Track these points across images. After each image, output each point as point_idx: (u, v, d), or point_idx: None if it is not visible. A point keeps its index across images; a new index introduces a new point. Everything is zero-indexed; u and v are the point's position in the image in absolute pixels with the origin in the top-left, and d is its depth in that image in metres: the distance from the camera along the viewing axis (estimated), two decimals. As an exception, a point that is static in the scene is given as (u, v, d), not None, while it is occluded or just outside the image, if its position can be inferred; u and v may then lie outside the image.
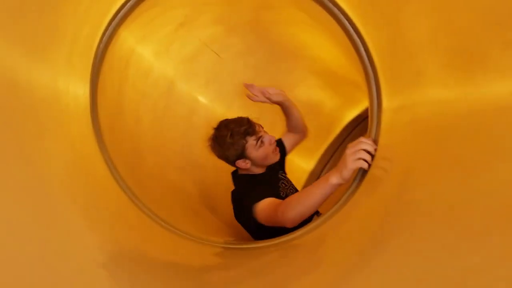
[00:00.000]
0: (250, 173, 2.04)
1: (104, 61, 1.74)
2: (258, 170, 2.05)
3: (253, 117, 2.05)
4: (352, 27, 1.75)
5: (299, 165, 2.98)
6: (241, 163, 1.99)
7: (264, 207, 1.70)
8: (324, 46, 2.25)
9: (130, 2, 1.72)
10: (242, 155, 1.97)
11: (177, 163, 2.37)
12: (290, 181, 2.17)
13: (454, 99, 1.21)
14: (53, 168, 1.11)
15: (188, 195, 2.29)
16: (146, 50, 2.16)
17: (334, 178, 1.40)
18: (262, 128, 2.05)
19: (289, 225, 1.54)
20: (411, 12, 1.36)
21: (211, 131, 2.03)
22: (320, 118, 2.88)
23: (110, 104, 1.90)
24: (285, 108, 2.19)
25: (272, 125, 2.41)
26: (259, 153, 1.96)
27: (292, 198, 1.60)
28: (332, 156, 2.94)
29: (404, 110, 1.53)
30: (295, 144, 2.33)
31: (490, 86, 1.08)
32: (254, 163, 2.00)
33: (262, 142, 1.96)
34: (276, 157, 2.05)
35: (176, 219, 1.70)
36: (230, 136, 1.94)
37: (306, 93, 2.76)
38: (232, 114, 2.55)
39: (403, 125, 1.53)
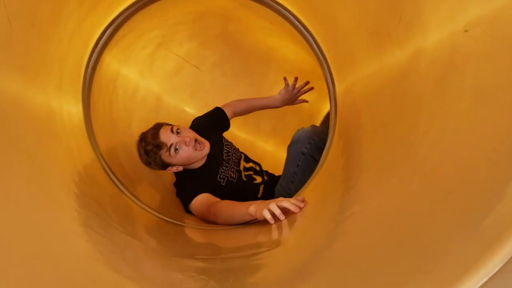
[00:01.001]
0: (189, 168, 2.11)
1: (93, 83, 2.01)
2: (196, 165, 2.11)
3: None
4: (302, 26, 1.99)
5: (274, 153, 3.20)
6: (172, 169, 2.08)
7: (197, 205, 1.88)
8: (288, 47, 2.51)
9: (109, 29, 1.99)
10: (167, 165, 2.05)
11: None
12: (231, 145, 2.33)
13: (375, 71, 1.46)
14: (53, 171, 1.36)
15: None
16: (130, 71, 2.43)
17: (252, 209, 1.56)
18: (175, 130, 2.03)
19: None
20: (339, 6, 1.61)
21: None
22: (300, 114, 3.11)
23: (103, 121, 2.16)
24: (273, 105, 2.50)
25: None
26: (179, 158, 2.00)
27: (222, 207, 1.77)
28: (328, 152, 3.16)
29: (348, 88, 1.77)
30: (238, 113, 2.49)
31: (395, 56, 1.32)
32: (183, 165, 2.07)
33: (175, 149, 1.98)
34: (204, 151, 2.06)
35: (168, 212, 1.95)
36: (145, 155, 2.03)
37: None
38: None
39: (349, 100, 1.77)
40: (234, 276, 1.14)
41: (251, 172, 2.26)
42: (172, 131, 2.02)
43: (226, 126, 2.42)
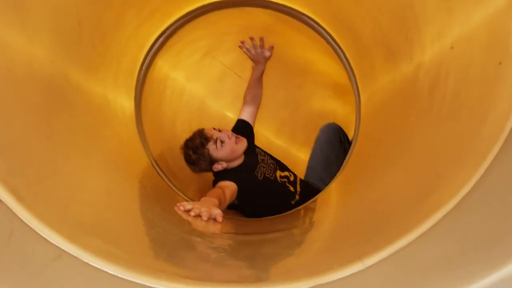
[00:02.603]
0: (228, 168, 2.29)
1: (145, 83, 2.30)
2: (236, 163, 2.30)
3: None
4: (333, 40, 2.18)
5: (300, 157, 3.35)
6: (217, 167, 2.26)
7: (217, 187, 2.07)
8: (324, 61, 2.69)
9: (162, 37, 2.27)
10: (213, 160, 2.25)
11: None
12: (266, 153, 2.49)
13: (389, 82, 1.63)
14: (104, 150, 1.63)
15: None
16: (179, 75, 2.71)
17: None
18: (216, 129, 2.29)
19: None
20: (360, 23, 1.80)
21: None
22: (336, 125, 3.29)
23: (152, 117, 2.44)
24: (257, 72, 2.57)
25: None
26: (224, 151, 2.22)
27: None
28: (350, 156, 3.30)
29: (369, 98, 1.95)
30: (255, 115, 2.64)
31: (403, 69, 1.50)
32: (227, 161, 2.26)
33: (221, 141, 2.20)
34: (243, 145, 2.28)
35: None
36: (193, 153, 2.24)
37: (319, 104, 3.20)
38: (256, 127, 2.99)
39: (370, 109, 1.95)
40: (247, 247, 1.34)
41: (285, 180, 2.41)
42: (214, 128, 2.30)
43: (253, 137, 2.60)
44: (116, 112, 1.90)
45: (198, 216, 1.45)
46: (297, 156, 3.31)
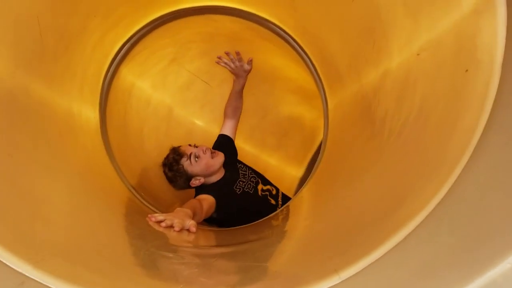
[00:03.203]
0: (207, 183, 2.30)
1: (110, 92, 2.24)
2: (215, 178, 2.31)
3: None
4: (299, 47, 2.19)
5: (290, 173, 3.37)
6: (194, 182, 2.27)
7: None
8: (290, 66, 2.70)
9: (126, 45, 2.23)
10: (189, 176, 2.25)
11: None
12: (248, 168, 2.50)
13: (356, 89, 1.65)
14: (69, 161, 1.57)
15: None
16: (144, 83, 2.66)
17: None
18: (192, 145, 2.31)
19: None
20: (327, 31, 1.81)
21: None
22: (303, 130, 3.30)
23: (118, 127, 2.38)
24: (238, 86, 2.55)
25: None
26: (199, 166, 2.22)
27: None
28: (320, 161, 3.34)
29: (337, 104, 1.96)
30: (236, 128, 2.64)
31: (370, 76, 1.51)
32: (204, 176, 2.26)
33: (195, 156, 2.22)
34: (219, 159, 2.28)
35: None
36: (169, 170, 2.27)
37: (287, 109, 3.21)
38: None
39: (338, 116, 1.96)
40: (219, 260, 1.32)
41: (266, 193, 2.43)
42: (190, 145, 2.31)
43: (235, 152, 2.62)
44: (81, 123, 1.85)
45: (171, 227, 1.43)
46: (268, 162, 3.32)
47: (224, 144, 2.57)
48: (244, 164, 2.56)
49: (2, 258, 0.74)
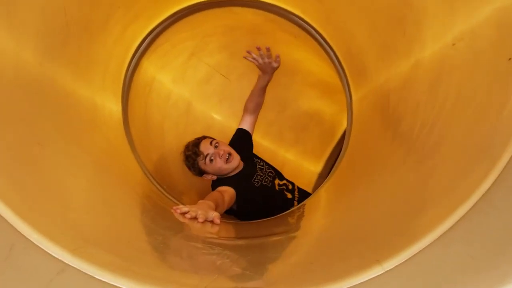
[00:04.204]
0: (225, 176, 2.34)
1: (132, 86, 2.24)
2: (233, 172, 2.33)
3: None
4: (323, 39, 2.16)
5: (308, 168, 3.36)
6: (207, 177, 2.34)
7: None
8: (311, 60, 2.68)
9: (148, 38, 2.22)
10: (202, 172, 2.33)
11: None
12: (265, 163, 2.51)
13: (384, 81, 1.62)
14: (94, 156, 1.57)
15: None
16: (165, 77, 2.65)
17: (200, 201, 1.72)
18: (213, 143, 2.32)
19: None
20: (354, 22, 1.78)
21: None
22: (323, 125, 3.27)
23: (139, 121, 2.38)
24: (263, 82, 2.49)
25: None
26: (212, 168, 2.28)
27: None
28: (337, 157, 3.31)
29: (361, 98, 1.93)
30: (254, 124, 2.62)
31: (400, 67, 1.48)
32: (216, 175, 2.32)
33: (210, 159, 2.26)
34: (233, 164, 2.30)
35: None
36: (185, 160, 2.35)
37: (306, 104, 3.19)
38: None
39: (363, 109, 1.93)
40: (250, 251, 1.30)
41: (283, 187, 2.44)
42: (211, 143, 2.32)
43: (251, 145, 2.61)
44: (105, 115, 1.84)
45: (194, 218, 1.43)
46: (285, 157, 3.30)
47: (242, 138, 2.57)
48: (261, 159, 2.57)
49: (42, 245, 0.73)
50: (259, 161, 2.52)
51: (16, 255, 0.70)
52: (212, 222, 1.48)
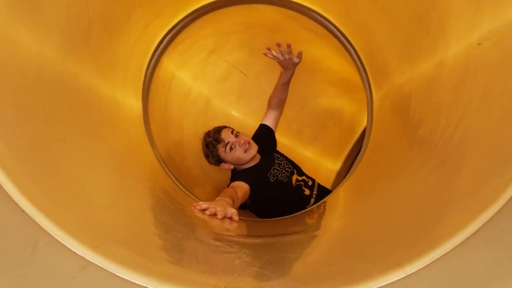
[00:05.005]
0: (241, 168, 2.36)
1: (152, 83, 2.25)
2: (250, 164, 2.35)
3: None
4: (343, 37, 2.14)
5: (327, 166, 3.34)
6: (224, 166, 2.35)
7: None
8: (331, 58, 2.66)
9: (169, 35, 2.23)
10: (220, 160, 2.34)
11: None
12: (284, 157, 2.50)
13: (406, 80, 1.59)
14: (115, 153, 1.58)
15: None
16: (184, 74, 2.66)
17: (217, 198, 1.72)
18: (234, 132, 2.33)
19: None
20: (375, 20, 1.76)
21: None
22: (342, 123, 3.25)
23: (159, 117, 2.40)
24: (286, 78, 2.46)
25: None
26: (231, 156, 2.29)
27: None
28: (357, 155, 3.28)
29: (383, 97, 1.91)
30: (278, 120, 2.59)
31: (422, 66, 1.46)
32: (234, 164, 2.33)
33: (231, 148, 2.28)
34: (251, 153, 2.30)
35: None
36: (205, 147, 2.36)
37: (326, 102, 3.17)
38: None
39: (384, 108, 1.91)
40: (268, 250, 1.30)
41: (301, 183, 2.42)
42: (232, 132, 2.34)
43: (275, 142, 2.60)
44: (126, 112, 1.86)
45: (214, 215, 1.45)
46: (304, 155, 3.29)
47: (265, 134, 2.56)
48: (282, 154, 2.56)
49: (65, 242, 0.74)
50: (278, 155, 2.52)
51: (40, 251, 0.72)
52: (230, 218, 1.50)
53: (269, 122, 2.58)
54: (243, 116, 3.08)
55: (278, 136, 3.09)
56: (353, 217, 1.44)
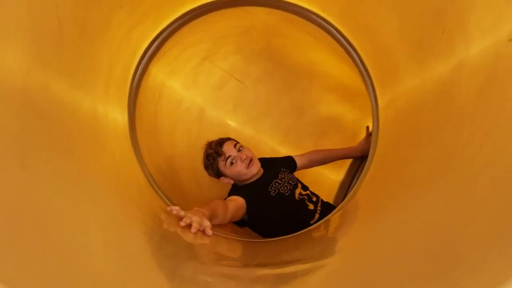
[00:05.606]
0: (241, 184, 2.27)
1: (139, 93, 2.09)
2: (251, 179, 2.26)
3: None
4: (345, 40, 1.98)
5: (329, 176, 3.16)
6: (224, 180, 2.27)
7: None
8: (331, 62, 2.50)
9: (156, 42, 2.07)
10: (220, 173, 2.25)
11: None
12: (289, 172, 2.38)
13: (417, 85, 1.43)
14: (94, 171, 1.41)
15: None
16: (175, 83, 2.50)
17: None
18: (237, 146, 2.24)
19: None
20: (381, 19, 1.60)
21: None
22: (343, 131, 3.08)
23: (148, 129, 2.23)
24: (350, 155, 2.63)
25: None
26: (231, 171, 2.21)
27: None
28: (360, 165, 3.10)
29: (390, 103, 1.75)
30: (305, 168, 2.59)
31: (437, 68, 1.29)
32: (234, 179, 2.24)
33: (231, 162, 2.19)
34: (253, 170, 2.22)
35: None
36: (205, 158, 2.28)
37: (326, 109, 3.00)
38: (260, 136, 2.82)
39: (391, 116, 1.74)
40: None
41: (305, 197, 2.29)
42: (235, 146, 2.25)
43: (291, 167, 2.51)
44: (108, 127, 1.69)
45: (189, 225, 1.40)
46: (304, 165, 3.12)
47: (285, 161, 2.52)
48: (288, 170, 2.44)
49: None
50: (283, 169, 2.40)
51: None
52: (203, 232, 1.43)
53: (299, 160, 2.55)
54: (240, 125, 2.92)
55: (277, 147, 2.94)
56: (365, 244, 1.26)
